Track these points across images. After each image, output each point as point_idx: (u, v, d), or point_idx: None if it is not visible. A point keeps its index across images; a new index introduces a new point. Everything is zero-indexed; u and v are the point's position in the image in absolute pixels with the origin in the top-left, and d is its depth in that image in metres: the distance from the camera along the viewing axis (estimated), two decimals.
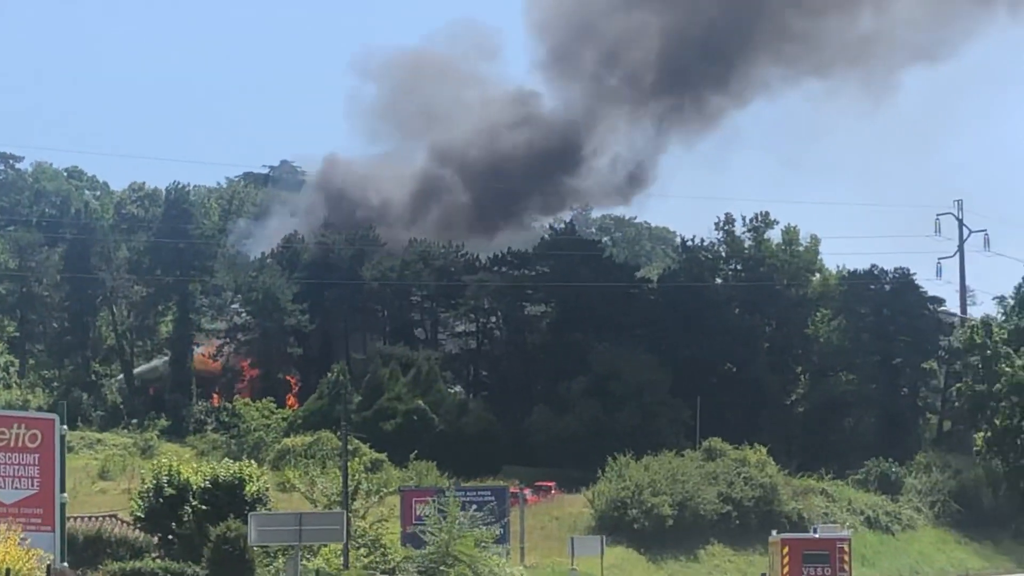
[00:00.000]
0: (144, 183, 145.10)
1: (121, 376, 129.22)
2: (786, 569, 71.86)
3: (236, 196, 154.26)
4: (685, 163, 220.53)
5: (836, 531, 77.87)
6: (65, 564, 44.03)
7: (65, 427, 43.39)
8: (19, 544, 36.89)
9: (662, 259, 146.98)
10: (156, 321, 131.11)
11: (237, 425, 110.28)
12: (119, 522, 68.44)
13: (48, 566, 37.79)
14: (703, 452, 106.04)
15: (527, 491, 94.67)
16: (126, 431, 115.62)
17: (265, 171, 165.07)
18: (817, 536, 75.35)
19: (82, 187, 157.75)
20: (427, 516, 68.70)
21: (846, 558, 72.24)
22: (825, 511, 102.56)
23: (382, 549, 67.77)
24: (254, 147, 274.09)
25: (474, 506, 68.99)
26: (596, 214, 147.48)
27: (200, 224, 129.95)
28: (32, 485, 41.13)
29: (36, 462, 41.08)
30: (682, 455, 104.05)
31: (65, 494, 41.89)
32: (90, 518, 69.10)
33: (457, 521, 65.68)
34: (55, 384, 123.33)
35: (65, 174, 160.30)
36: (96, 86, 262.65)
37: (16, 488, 41.00)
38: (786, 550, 72.67)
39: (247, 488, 61.90)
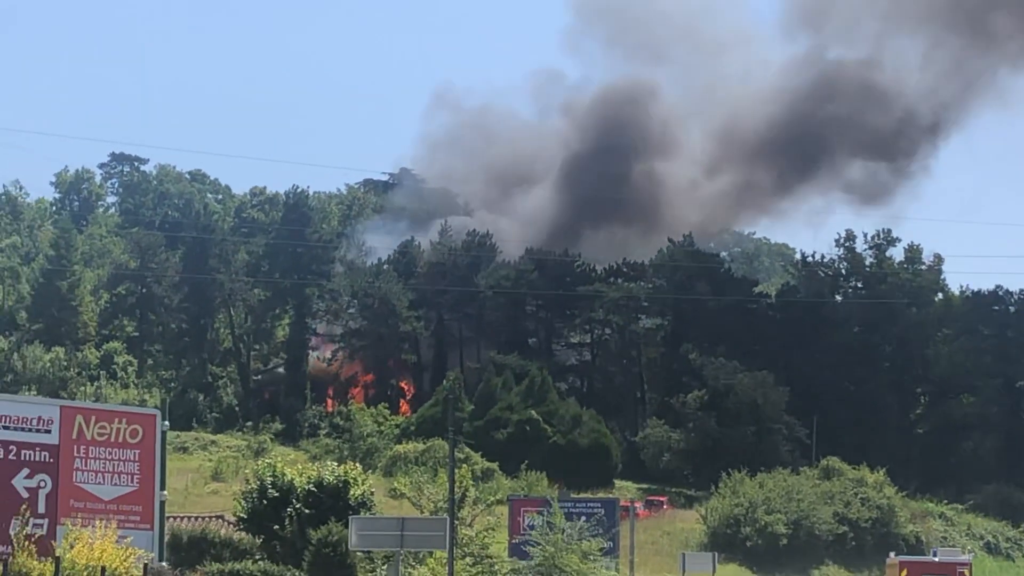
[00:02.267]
0: (265, 187, 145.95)
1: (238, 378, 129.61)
2: None
3: (356, 202, 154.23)
4: None
5: (957, 555, 75.52)
6: (164, 564, 43.11)
7: (167, 423, 42.71)
8: (117, 542, 36.14)
9: (781, 275, 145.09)
10: (273, 324, 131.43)
11: (350, 430, 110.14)
12: (225, 523, 67.71)
13: (145, 565, 36.45)
14: (819, 471, 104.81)
15: (639, 505, 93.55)
16: (240, 433, 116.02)
17: (385, 177, 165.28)
18: (937, 560, 73.00)
19: (204, 190, 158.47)
20: (535, 526, 67.36)
21: None
22: (943, 535, 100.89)
23: (488, 560, 66.64)
24: (376, 153, 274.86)
25: (583, 517, 67.31)
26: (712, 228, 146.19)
27: (319, 229, 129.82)
28: (132, 481, 39.44)
29: (136, 458, 39.62)
30: (798, 473, 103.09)
31: (165, 492, 40.91)
32: (197, 518, 68.19)
33: (564, 532, 64.26)
34: (172, 385, 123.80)
35: (188, 177, 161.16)
36: (220, 90, 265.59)
37: (115, 484, 39.26)
38: (904, 573, 70.56)
39: (352, 492, 60.38)
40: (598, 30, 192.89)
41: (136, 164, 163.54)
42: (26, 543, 33.48)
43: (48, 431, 37.52)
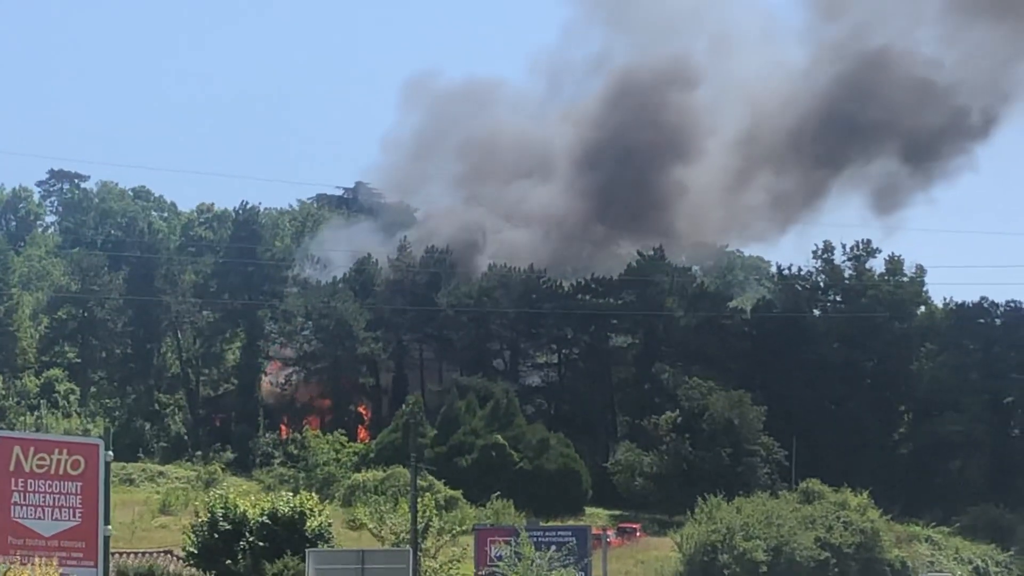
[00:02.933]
0: (212, 204, 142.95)
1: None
2: None
3: (309, 218, 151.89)
4: None
5: None
6: None
7: (111, 453, 40.74)
8: None
9: (755, 289, 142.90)
10: (223, 348, 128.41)
11: (306, 458, 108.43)
12: (174, 559, 66.48)
13: None
14: (799, 494, 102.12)
15: (611, 532, 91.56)
16: (190, 463, 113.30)
17: (339, 192, 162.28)
18: None
19: (148, 207, 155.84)
20: (503, 557, 64.23)
21: None
22: (930, 560, 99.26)
23: None
24: (332, 166, 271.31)
25: (553, 547, 64.32)
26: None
27: (270, 247, 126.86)
28: (73, 516, 38.10)
29: (78, 491, 38.04)
30: (777, 497, 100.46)
31: (109, 526, 39.81)
32: (144, 554, 68.25)
33: (533, 562, 60.59)
34: (117, 413, 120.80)
35: (131, 194, 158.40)
36: (165, 103, 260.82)
37: (56, 519, 37.95)
38: None
39: (308, 523, 58.57)
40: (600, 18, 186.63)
41: (76, 181, 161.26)
42: None
43: None
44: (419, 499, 65.49)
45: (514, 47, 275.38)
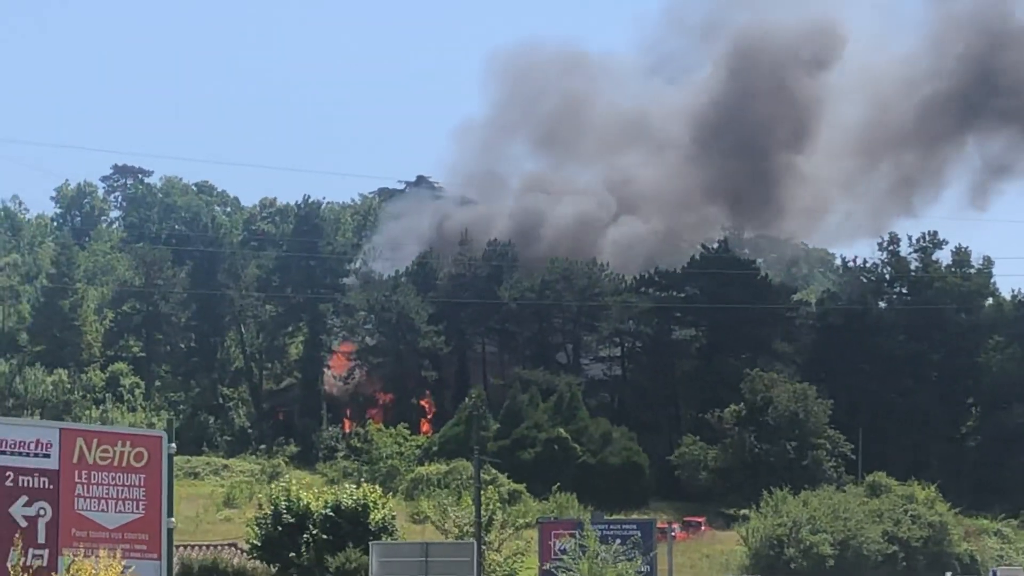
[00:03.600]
0: (275, 198, 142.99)
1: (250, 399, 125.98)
2: None
3: (371, 212, 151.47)
4: None
5: (1018, 574, 71.00)
6: None
7: (174, 445, 39.72)
8: (122, 573, 32.36)
9: (820, 282, 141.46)
10: (286, 342, 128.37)
11: (369, 452, 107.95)
12: (238, 551, 66.15)
13: None
14: (866, 488, 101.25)
15: (675, 526, 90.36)
16: (253, 457, 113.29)
17: (401, 187, 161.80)
18: None
19: (212, 202, 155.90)
20: (567, 550, 63.46)
21: None
22: (1000, 553, 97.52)
23: None
24: (391, 161, 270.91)
25: (618, 540, 63.26)
26: (750, 233, 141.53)
27: (332, 241, 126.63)
28: (137, 508, 35.96)
29: (141, 483, 36.05)
30: (843, 490, 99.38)
31: (173, 519, 38.36)
32: (208, 547, 67.01)
33: (598, 555, 59.77)
34: (181, 407, 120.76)
35: (195, 189, 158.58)
36: (228, 98, 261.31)
37: (119, 511, 35.78)
38: None
39: (372, 516, 58.00)
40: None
41: (140, 177, 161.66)
42: (25, 575, 30.46)
43: (47, 455, 34.39)
44: (483, 492, 65.09)
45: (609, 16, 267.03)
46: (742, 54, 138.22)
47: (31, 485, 35.15)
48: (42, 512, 35.43)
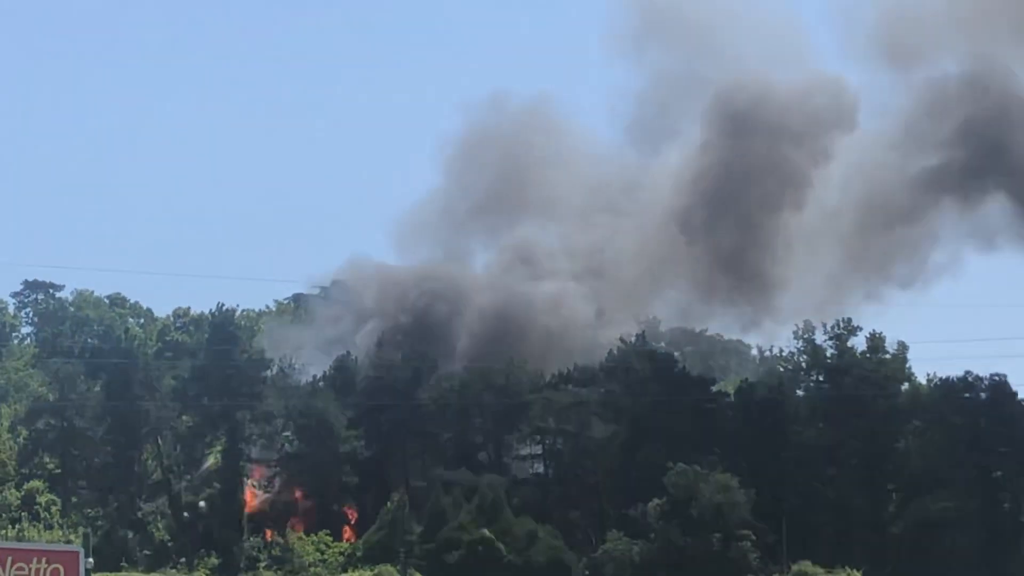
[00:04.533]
0: (188, 308, 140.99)
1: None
2: None
3: (285, 317, 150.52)
4: None
5: None
6: None
7: (91, 560, 38.41)
8: None
9: (737, 373, 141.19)
10: (204, 452, 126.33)
11: (292, 561, 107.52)
12: None
13: None
14: None
15: None
16: (175, 571, 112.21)
17: (316, 291, 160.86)
18: None
19: (125, 314, 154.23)
20: None
21: None
22: None
23: None
24: (305, 267, 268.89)
25: None
26: (664, 327, 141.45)
27: (248, 348, 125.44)
28: None
29: None
30: None
31: None
32: None
33: None
34: (99, 523, 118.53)
35: (107, 302, 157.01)
36: (135, 208, 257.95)
37: None
38: None
39: None
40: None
41: (51, 291, 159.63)
42: None
43: None
44: None
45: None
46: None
47: None
48: None
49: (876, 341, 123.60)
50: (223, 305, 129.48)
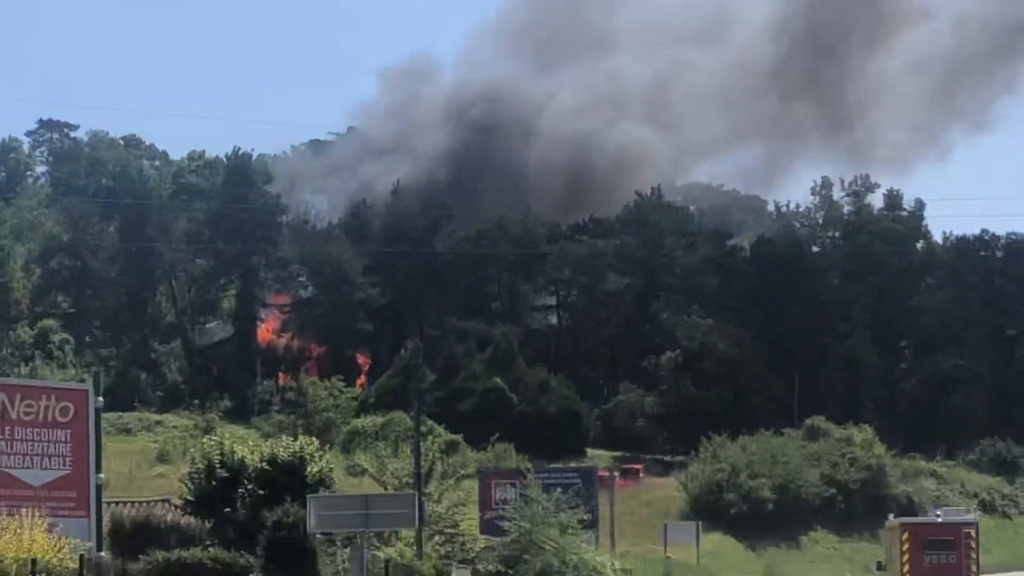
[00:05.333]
0: (204, 151, 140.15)
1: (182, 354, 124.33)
2: (906, 556, 64.61)
3: (302, 162, 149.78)
4: None
5: (961, 515, 70.66)
6: (102, 554, 38.93)
7: (101, 399, 38.35)
8: (48, 531, 32.54)
9: (754, 228, 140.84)
10: (218, 296, 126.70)
11: (304, 405, 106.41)
12: (172, 508, 64.19)
13: (82, 556, 32.90)
14: (804, 431, 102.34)
15: (615, 473, 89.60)
16: (187, 412, 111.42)
17: (332, 138, 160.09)
18: (940, 521, 67.89)
19: (140, 156, 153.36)
20: (508, 501, 62.93)
21: (973, 544, 64.94)
22: (936, 494, 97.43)
23: (460, 537, 62.53)
24: (322, 110, 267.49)
25: (559, 489, 62.64)
26: (681, 182, 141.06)
27: (263, 193, 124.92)
28: (63, 464, 36.76)
29: (68, 438, 37.26)
30: (781, 435, 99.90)
31: (102, 475, 37.17)
32: (140, 503, 65.65)
33: (541, 505, 59.29)
34: (112, 363, 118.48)
35: (122, 143, 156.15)
36: (155, 49, 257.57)
37: (45, 468, 36.53)
38: (906, 535, 65.48)
39: (309, 469, 56.19)
40: None
41: (66, 131, 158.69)
42: None
43: None
44: (421, 443, 64.10)
45: None
46: None
47: None
48: None
49: (893, 199, 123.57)
50: (239, 148, 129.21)
